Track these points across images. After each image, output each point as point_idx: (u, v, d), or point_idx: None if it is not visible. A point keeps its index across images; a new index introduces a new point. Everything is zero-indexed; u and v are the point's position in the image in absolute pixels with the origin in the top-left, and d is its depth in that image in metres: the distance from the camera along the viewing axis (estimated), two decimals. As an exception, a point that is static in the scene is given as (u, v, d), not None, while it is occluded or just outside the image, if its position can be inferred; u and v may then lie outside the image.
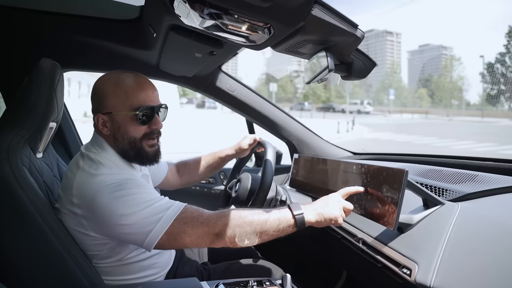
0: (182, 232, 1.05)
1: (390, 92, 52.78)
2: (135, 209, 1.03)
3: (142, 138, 1.19)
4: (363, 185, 1.20)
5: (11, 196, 1.03)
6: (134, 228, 1.03)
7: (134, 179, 1.13)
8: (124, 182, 1.08)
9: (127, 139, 1.18)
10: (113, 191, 1.05)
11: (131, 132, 1.17)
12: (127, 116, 1.16)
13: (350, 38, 1.04)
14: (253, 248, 1.72)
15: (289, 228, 1.12)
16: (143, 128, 1.19)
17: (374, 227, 1.19)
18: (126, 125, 1.17)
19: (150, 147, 1.22)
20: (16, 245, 1.04)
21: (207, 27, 1.05)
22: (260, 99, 2.05)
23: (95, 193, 1.05)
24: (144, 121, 1.17)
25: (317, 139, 2.14)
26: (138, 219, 1.03)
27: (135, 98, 1.16)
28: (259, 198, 1.40)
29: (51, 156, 1.42)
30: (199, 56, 1.45)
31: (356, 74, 1.21)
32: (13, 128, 1.15)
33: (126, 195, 1.05)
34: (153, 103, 1.19)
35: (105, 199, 1.04)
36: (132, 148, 1.19)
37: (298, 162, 1.77)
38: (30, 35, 1.58)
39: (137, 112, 1.15)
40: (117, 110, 1.16)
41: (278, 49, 1.18)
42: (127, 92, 1.16)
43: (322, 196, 1.50)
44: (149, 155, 1.22)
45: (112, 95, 1.16)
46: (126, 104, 1.15)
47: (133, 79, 1.18)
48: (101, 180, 1.08)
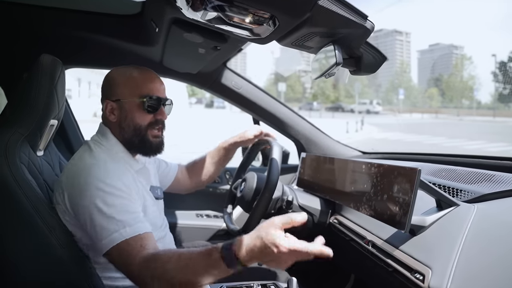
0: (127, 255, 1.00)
1: (399, 91, 52.38)
2: (108, 209, 1.03)
3: (147, 126, 1.22)
4: (373, 184, 1.15)
5: (8, 194, 1.01)
6: (96, 226, 1.03)
7: (123, 179, 1.11)
8: (112, 177, 1.08)
9: (132, 126, 1.21)
10: (100, 180, 1.06)
11: (137, 119, 1.21)
12: (134, 104, 1.20)
13: (360, 30, 0.98)
14: None
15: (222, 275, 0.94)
16: (149, 117, 1.22)
17: (385, 229, 1.14)
18: (133, 112, 1.21)
19: (154, 137, 1.24)
20: (15, 244, 1.02)
21: (209, 20, 1.01)
22: (267, 96, 2.00)
23: (82, 172, 1.08)
24: (150, 110, 1.21)
25: (325, 138, 2.09)
26: (105, 220, 1.02)
27: (144, 88, 1.21)
28: (264, 198, 1.36)
29: (52, 154, 1.39)
30: (203, 51, 1.41)
31: (365, 69, 1.15)
32: (12, 125, 1.13)
33: (108, 192, 1.05)
34: (160, 94, 1.23)
35: (90, 182, 1.05)
36: (136, 136, 1.22)
37: (305, 161, 1.72)
38: (31, 31, 1.56)
39: (144, 99, 1.19)
40: (125, 98, 1.21)
41: (284, 43, 1.13)
42: (137, 82, 1.21)
43: (330, 196, 1.46)
44: (152, 145, 1.24)
45: (123, 84, 1.22)
46: (135, 93, 1.20)
47: (145, 71, 1.25)
48: (92, 164, 1.11)
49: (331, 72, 1.10)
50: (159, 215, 1.30)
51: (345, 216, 1.45)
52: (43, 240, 1.02)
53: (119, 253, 1.01)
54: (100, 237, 1.02)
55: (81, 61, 1.76)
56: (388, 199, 1.06)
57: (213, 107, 47.17)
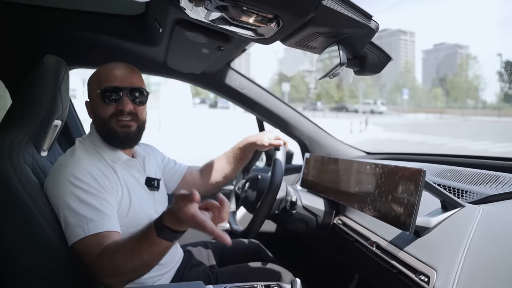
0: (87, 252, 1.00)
1: (404, 91, 52.24)
2: (74, 203, 1.04)
3: (110, 118, 1.19)
4: (378, 185, 1.14)
5: (12, 195, 1.00)
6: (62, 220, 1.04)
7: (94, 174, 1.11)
8: (83, 172, 1.09)
9: (99, 121, 1.22)
10: (71, 174, 1.07)
11: (100, 112, 1.20)
12: (97, 97, 1.19)
13: (364, 30, 0.98)
14: (264, 250, 1.67)
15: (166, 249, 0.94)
16: (110, 108, 1.19)
17: (389, 230, 1.13)
18: (97, 106, 1.21)
19: (121, 127, 1.20)
20: (18, 244, 1.01)
21: (213, 20, 1.01)
22: (271, 97, 2.00)
23: (57, 168, 1.12)
24: (109, 100, 1.18)
25: (329, 138, 2.08)
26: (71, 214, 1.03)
27: (103, 80, 1.19)
28: (268, 198, 1.35)
29: (56, 154, 1.40)
30: (207, 52, 1.41)
31: (370, 69, 1.14)
32: (16, 125, 1.13)
33: (77, 186, 1.06)
34: (121, 83, 1.19)
35: (62, 176, 1.08)
36: (103, 129, 1.21)
37: (309, 161, 1.71)
38: (36, 31, 1.57)
39: (100, 91, 1.18)
40: (91, 94, 1.23)
41: (288, 43, 1.13)
42: (99, 75, 1.22)
43: (334, 197, 1.45)
44: (118, 134, 1.20)
45: (91, 81, 1.24)
46: (96, 86, 1.20)
47: (110, 65, 1.24)
48: (68, 160, 1.13)
49: (335, 72, 1.10)
50: (152, 206, 1.28)
51: (349, 217, 1.44)
52: (46, 239, 1.01)
53: (81, 249, 1.01)
54: (64, 230, 1.04)
55: (85, 61, 1.76)
56: (393, 200, 1.06)
57: (217, 107, 47.24)
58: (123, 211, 1.16)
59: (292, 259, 1.81)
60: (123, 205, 1.16)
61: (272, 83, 79.12)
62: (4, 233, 1.00)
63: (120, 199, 1.16)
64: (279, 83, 69.43)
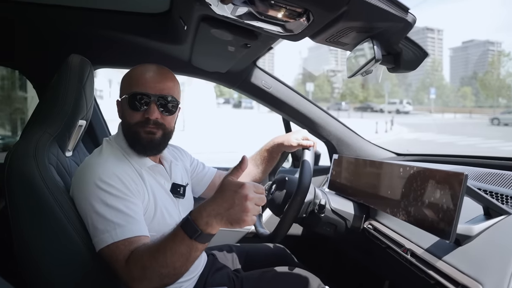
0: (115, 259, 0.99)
1: (431, 91, 50.83)
2: (101, 208, 1.01)
3: (136, 125, 1.15)
4: (412, 189, 1.07)
5: (37, 195, 1.00)
6: (89, 224, 1.02)
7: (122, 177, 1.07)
8: (111, 176, 1.05)
9: (125, 125, 1.19)
10: (98, 177, 1.04)
11: (126, 117, 1.17)
12: (124, 101, 1.17)
13: (400, 23, 0.91)
14: (289, 254, 1.63)
15: (197, 251, 0.91)
16: (137, 115, 1.14)
17: (425, 237, 1.06)
18: (124, 110, 1.18)
19: (146, 133, 1.15)
20: (41, 244, 1.01)
21: (239, 16, 0.97)
22: (298, 96, 1.94)
23: (84, 170, 1.08)
24: (136, 107, 1.13)
25: (358, 138, 2.01)
26: (98, 219, 1.01)
27: (134, 84, 1.14)
28: (296, 201, 1.30)
29: (81, 154, 1.39)
30: (232, 49, 1.37)
31: (405, 66, 1.07)
32: (41, 125, 1.13)
33: (104, 190, 1.03)
34: (151, 91, 1.13)
35: (89, 178, 1.04)
36: (128, 134, 1.17)
37: (337, 163, 1.65)
38: (61, 31, 1.58)
39: (127, 96, 1.14)
40: (121, 95, 1.19)
41: (318, 39, 1.08)
42: (131, 77, 1.17)
43: (364, 200, 1.39)
44: (141, 141, 1.15)
45: (123, 81, 1.20)
46: (125, 89, 1.16)
47: (143, 66, 1.18)
48: (95, 162, 1.09)
49: (368, 70, 1.04)
50: (177, 214, 1.24)
51: (380, 222, 1.37)
52: (68, 240, 1.00)
53: (109, 254, 0.99)
54: (92, 236, 1.01)
55: (110, 61, 1.76)
56: (430, 206, 0.99)
57: (241, 107, 47.37)
58: (148, 218, 1.13)
59: (318, 263, 1.75)
60: (149, 211, 1.13)
61: (296, 83, 78.83)
62: (28, 232, 1.00)
63: (146, 205, 1.13)
64: (303, 82, 69.21)
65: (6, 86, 23.83)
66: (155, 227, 1.12)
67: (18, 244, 1.00)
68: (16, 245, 1.00)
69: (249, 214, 0.85)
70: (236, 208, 0.85)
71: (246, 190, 0.86)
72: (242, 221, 0.85)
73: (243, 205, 0.85)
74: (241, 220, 0.85)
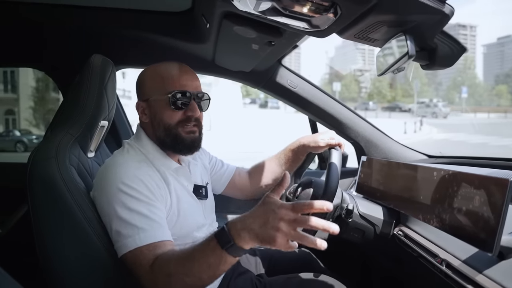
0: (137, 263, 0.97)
1: (462, 90, 49.14)
2: (125, 212, 1.00)
3: (177, 124, 1.15)
4: (448, 195, 1.00)
5: (57, 196, 1.00)
6: (113, 229, 1.00)
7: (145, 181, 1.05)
8: (134, 179, 1.03)
9: (162, 126, 1.15)
10: (121, 181, 1.02)
11: (165, 118, 1.14)
12: (162, 101, 1.14)
13: (436, 16, 0.85)
14: (315, 260, 1.57)
15: (225, 264, 0.88)
16: (178, 114, 1.15)
17: (462, 247, 0.97)
18: (161, 110, 1.14)
19: (187, 133, 1.16)
20: (61, 246, 1.00)
21: (263, 12, 0.93)
22: (324, 95, 1.88)
23: (106, 173, 1.06)
24: (178, 106, 1.13)
25: (387, 139, 1.92)
26: (121, 223, 0.99)
27: (170, 83, 1.13)
28: None
29: (104, 155, 1.39)
30: (256, 47, 1.33)
31: (440, 62, 1.00)
32: (63, 126, 1.13)
33: (128, 193, 1.01)
34: (189, 88, 1.15)
35: (112, 182, 1.02)
36: (167, 136, 1.15)
37: (366, 165, 1.58)
38: (83, 31, 1.59)
39: (169, 96, 1.12)
40: (153, 96, 1.16)
41: (345, 36, 1.02)
42: (163, 77, 1.15)
43: (394, 205, 1.32)
44: (185, 141, 1.15)
45: (150, 80, 1.17)
46: (162, 89, 1.14)
47: (172, 65, 1.18)
48: (118, 164, 1.07)
49: (400, 67, 0.98)
50: (200, 216, 1.23)
51: (412, 228, 1.29)
52: (88, 242, 1.00)
53: (132, 260, 0.97)
54: (115, 240, 1.00)
55: (133, 60, 1.76)
56: (468, 214, 0.91)
57: (267, 107, 47.38)
58: (171, 221, 1.11)
59: (345, 270, 1.68)
60: (171, 214, 1.12)
61: (323, 82, 78.17)
62: (47, 233, 1.00)
63: (169, 208, 1.11)
64: (329, 82, 68.56)
65: (40, 87, 24.78)
66: (177, 231, 1.10)
67: (38, 246, 1.00)
68: (37, 247, 1.00)
69: (280, 235, 0.80)
70: (268, 226, 0.81)
71: (283, 211, 0.81)
72: (273, 241, 0.80)
73: (276, 225, 0.80)
74: (272, 239, 0.80)
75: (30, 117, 25.49)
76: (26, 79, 25.39)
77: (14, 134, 21.68)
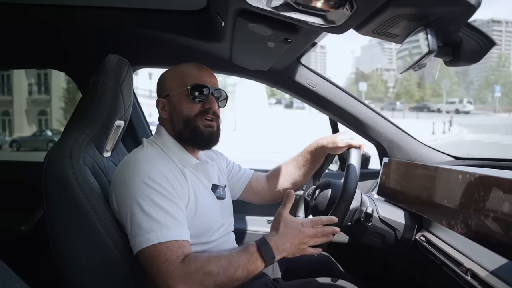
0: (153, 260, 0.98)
1: (495, 89, 47.23)
2: (148, 206, 1.01)
3: (196, 116, 1.18)
4: (474, 199, 0.94)
5: (70, 196, 1.01)
6: (134, 222, 1.01)
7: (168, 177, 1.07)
8: (158, 174, 1.05)
9: (181, 118, 1.18)
10: (145, 174, 1.04)
11: (185, 110, 1.18)
12: (181, 95, 1.18)
13: (460, 7, 0.79)
14: (334, 263, 1.53)
15: (258, 271, 1.06)
16: (197, 106, 1.18)
17: (489, 256, 0.92)
18: (180, 103, 1.19)
19: (206, 127, 1.19)
20: (72, 244, 1.01)
21: (275, 7, 0.90)
22: (345, 95, 1.82)
23: (129, 167, 1.08)
24: (196, 98, 1.18)
25: (411, 140, 1.84)
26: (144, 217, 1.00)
27: (189, 77, 1.19)
28: (339, 208, 1.20)
29: (120, 155, 1.40)
30: (272, 45, 1.30)
31: (465, 58, 0.93)
32: (79, 126, 1.14)
33: (152, 187, 1.03)
34: (207, 83, 1.20)
35: (135, 175, 1.04)
36: (186, 128, 1.18)
37: (388, 166, 1.52)
38: (101, 32, 1.61)
39: (189, 87, 1.17)
40: (173, 91, 1.20)
41: (363, 31, 0.97)
42: (183, 73, 1.21)
43: (417, 209, 1.26)
44: (203, 134, 1.18)
45: (170, 78, 1.22)
46: (181, 83, 1.19)
47: (191, 64, 1.24)
48: (140, 159, 1.10)
49: (421, 64, 0.92)
50: (218, 215, 1.23)
51: (435, 234, 1.23)
52: (98, 240, 1.00)
53: (156, 255, 0.97)
54: (135, 234, 1.00)
55: (149, 60, 1.77)
56: (496, 220, 0.85)
57: (293, 108, 47.21)
58: (188, 218, 1.10)
59: (366, 275, 1.63)
60: (188, 211, 1.11)
61: (349, 82, 77.20)
62: (60, 232, 1.01)
63: (187, 205, 1.11)
64: (356, 82, 67.67)
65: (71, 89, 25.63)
66: (192, 228, 1.10)
67: (52, 244, 1.02)
68: (51, 245, 1.02)
69: (307, 247, 1.09)
70: (299, 243, 1.08)
71: (307, 229, 1.08)
72: (302, 253, 1.09)
73: (304, 241, 1.08)
74: (301, 252, 1.09)
75: (61, 118, 26.46)
76: (58, 80, 26.37)
77: (46, 134, 22.57)
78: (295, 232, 1.07)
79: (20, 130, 26.64)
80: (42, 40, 1.68)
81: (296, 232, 1.07)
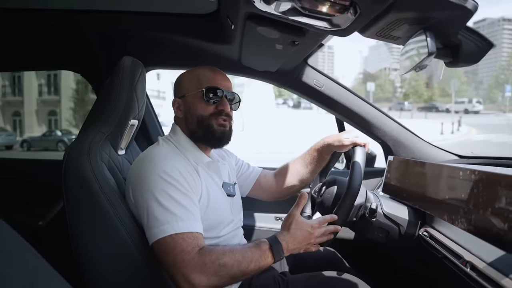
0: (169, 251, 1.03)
1: (506, 88, 46.62)
2: (165, 199, 1.05)
3: (210, 117, 1.24)
4: (474, 195, 0.98)
5: (89, 192, 1.04)
6: (150, 215, 1.05)
7: (183, 173, 1.12)
8: (174, 169, 1.10)
9: (195, 118, 1.24)
10: (161, 169, 1.09)
11: (199, 110, 1.24)
12: (196, 96, 1.24)
13: (458, 11, 0.83)
14: (340, 259, 1.57)
15: (267, 266, 1.11)
16: (211, 108, 1.24)
17: (488, 249, 0.95)
18: (195, 104, 1.24)
19: (219, 126, 1.24)
20: (90, 238, 1.05)
21: (283, 12, 0.95)
22: (351, 95, 1.86)
23: (145, 162, 1.13)
24: (210, 99, 1.23)
25: (416, 139, 1.88)
26: (160, 209, 1.05)
27: (204, 80, 1.25)
28: (345, 204, 1.24)
29: (134, 153, 1.45)
30: (280, 47, 1.34)
31: (465, 59, 0.98)
32: (95, 125, 1.18)
33: (168, 182, 1.07)
34: (222, 86, 1.25)
35: (152, 170, 1.09)
36: (200, 127, 1.24)
37: (393, 165, 1.56)
38: (115, 35, 1.66)
39: (204, 89, 1.22)
40: (188, 92, 1.26)
41: (367, 34, 1.02)
42: (199, 75, 1.26)
43: (420, 205, 1.30)
44: (216, 133, 1.24)
45: (187, 80, 1.28)
46: (196, 85, 1.25)
47: (207, 68, 1.29)
48: (156, 155, 1.15)
49: (422, 65, 0.96)
50: (228, 211, 1.28)
51: (437, 229, 1.27)
52: (116, 234, 1.04)
53: (172, 245, 1.02)
54: (151, 226, 1.04)
55: (162, 62, 1.83)
56: (493, 214, 0.89)
57: (300, 108, 47.03)
58: (200, 213, 1.15)
59: (370, 270, 1.67)
60: (200, 206, 1.16)
61: (357, 83, 76.78)
62: (78, 226, 1.05)
63: (199, 200, 1.16)
64: (363, 82, 67.24)
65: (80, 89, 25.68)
66: (203, 224, 1.13)
67: (72, 239, 1.05)
68: (71, 240, 1.05)
69: (314, 245, 1.18)
70: (307, 243, 1.16)
71: (315, 230, 1.16)
72: (310, 250, 1.18)
73: (312, 241, 1.16)
74: (309, 249, 1.18)
75: (70, 118, 26.67)
76: (67, 81, 26.59)
77: (56, 134, 22.75)
78: (305, 233, 1.14)
79: (31, 130, 26.90)
80: (53, 43, 1.75)
81: (305, 234, 1.14)
